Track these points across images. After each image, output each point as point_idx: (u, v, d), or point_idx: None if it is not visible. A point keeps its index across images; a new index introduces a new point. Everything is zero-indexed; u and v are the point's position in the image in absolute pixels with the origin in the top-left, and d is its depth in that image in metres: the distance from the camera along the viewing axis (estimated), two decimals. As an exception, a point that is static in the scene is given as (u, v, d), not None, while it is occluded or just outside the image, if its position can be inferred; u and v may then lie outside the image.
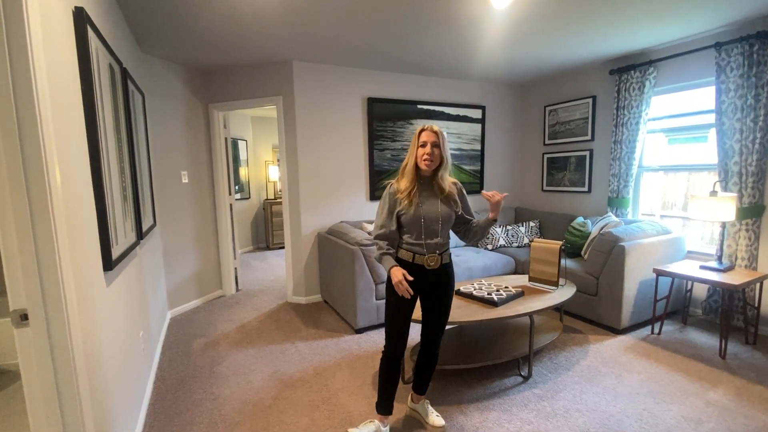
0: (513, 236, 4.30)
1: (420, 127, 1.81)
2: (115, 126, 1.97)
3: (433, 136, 1.77)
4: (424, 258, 1.82)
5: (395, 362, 1.91)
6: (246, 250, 6.71)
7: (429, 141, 1.77)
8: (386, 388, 1.93)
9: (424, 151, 1.77)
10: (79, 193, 1.41)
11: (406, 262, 1.85)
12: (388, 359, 1.90)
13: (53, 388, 1.17)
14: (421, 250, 1.83)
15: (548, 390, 2.33)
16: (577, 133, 4.28)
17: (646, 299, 3.12)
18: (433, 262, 1.83)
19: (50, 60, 1.22)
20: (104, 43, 1.85)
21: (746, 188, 2.93)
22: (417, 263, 1.83)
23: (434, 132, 1.78)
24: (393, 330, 1.88)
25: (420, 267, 1.83)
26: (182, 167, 3.70)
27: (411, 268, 1.83)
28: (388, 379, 1.92)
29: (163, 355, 2.90)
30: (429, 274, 1.84)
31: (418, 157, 1.79)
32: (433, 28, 2.90)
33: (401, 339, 1.88)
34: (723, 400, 2.17)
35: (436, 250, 1.84)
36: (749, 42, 2.82)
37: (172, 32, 2.88)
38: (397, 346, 1.88)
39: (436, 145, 1.78)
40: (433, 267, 1.83)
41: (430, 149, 1.77)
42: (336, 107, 3.89)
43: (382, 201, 1.89)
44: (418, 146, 1.79)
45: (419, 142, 1.79)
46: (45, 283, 1.14)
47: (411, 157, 1.82)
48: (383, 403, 1.94)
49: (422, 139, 1.79)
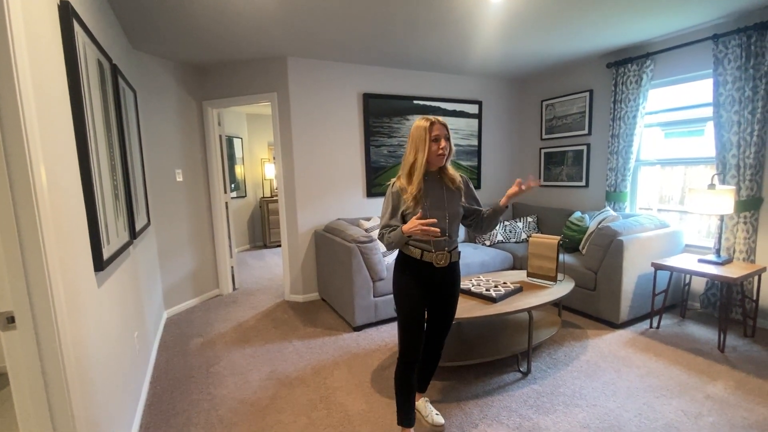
0: (511, 232, 4.28)
1: (428, 121, 1.70)
2: (105, 123, 1.93)
3: (444, 130, 1.70)
4: (432, 256, 1.75)
5: (413, 367, 1.80)
6: (243, 249, 6.67)
7: (442, 135, 1.69)
8: (407, 398, 1.82)
9: (439, 146, 1.69)
10: (67, 192, 1.37)
11: (414, 259, 1.76)
12: (407, 364, 1.79)
13: (42, 392, 1.15)
14: (429, 248, 1.75)
15: (547, 385, 2.32)
16: (575, 128, 4.26)
17: (644, 293, 3.11)
18: (442, 260, 1.76)
19: (34, 56, 1.19)
20: (92, 38, 1.80)
21: (744, 181, 2.92)
22: (426, 260, 1.75)
23: (443, 125, 1.71)
24: (410, 334, 1.77)
25: (428, 264, 1.76)
26: (176, 165, 3.65)
27: (419, 266, 1.76)
28: (408, 387, 1.81)
29: (160, 355, 2.87)
30: (437, 272, 1.78)
31: (432, 153, 1.69)
32: (429, 23, 2.86)
33: (420, 342, 1.80)
34: (722, 394, 2.17)
35: (444, 247, 1.77)
36: (747, 33, 2.80)
37: (163, 27, 2.83)
38: (417, 349, 1.79)
39: (447, 138, 1.71)
40: (442, 265, 1.76)
41: (445, 143, 1.69)
42: (331, 103, 3.85)
43: (386, 200, 1.81)
44: (430, 141, 1.68)
45: (431, 137, 1.68)
46: (31, 284, 1.11)
47: (420, 153, 1.69)
48: (408, 413, 1.83)
49: (435, 133, 1.68)
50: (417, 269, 1.76)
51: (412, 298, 1.76)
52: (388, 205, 1.78)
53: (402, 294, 1.79)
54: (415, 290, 1.78)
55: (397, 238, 1.68)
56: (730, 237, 3.05)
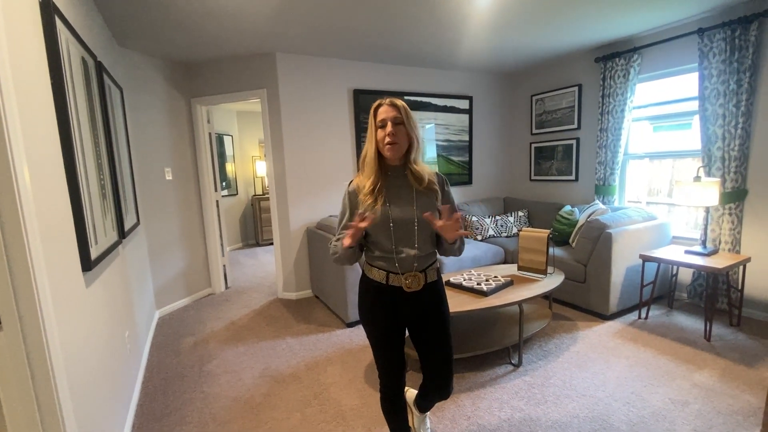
0: (502, 226, 4.32)
1: (376, 102, 1.38)
2: (91, 122, 1.91)
3: (393, 111, 1.34)
4: (401, 279, 1.39)
5: (395, 399, 1.55)
6: (235, 247, 6.64)
7: (388, 118, 1.34)
8: (393, 424, 1.60)
9: (384, 133, 1.34)
10: (52, 192, 1.36)
11: (379, 283, 1.42)
12: (385, 394, 1.55)
13: (31, 394, 1.14)
14: (393, 267, 1.39)
15: (538, 377, 2.35)
16: (564, 122, 4.29)
17: (633, 285, 3.16)
18: (413, 284, 1.39)
19: (15, 53, 1.17)
20: (75, 35, 1.77)
21: (729, 173, 2.97)
22: (393, 285, 1.40)
23: (394, 106, 1.35)
24: (381, 365, 1.52)
25: (397, 290, 1.40)
26: (165, 164, 3.62)
27: (386, 292, 1.42)
28: (394, 417, 1.58)
29: (152, 355, 2.85)
30: (410, 298, 1.42)
31: (379, 142, 1.37)
32: (418, 18, 2.86)
33: (395, 374, 1.52)
34: (708, 382, 2.22)
35: (413, 264, 1.39)
36: (731, 27, 2.83)
37: (148, 24, 2.79)
38: (389, 381, 1.52)
39: (398, 123, 1.34)
40: (414, 290, 1.40)
41: (392, 128, 1.33)
42: (321, 99, 3.83)
43: (341, 206, 1.49)
44: (377, 128, 1.37)
45: (377, 123, 1.36)
46: (17, 285, 1.09)
47: (370, 143, 1.38)
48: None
49: (380, 117, 1.35)
50: (382, 296, 1.42)
51: (381, 333, 1.46)
52: (344, 208, 1.46)
53: (368, 328, 1.49)
54: (384, 323, 1.45)
55: (341, 250, 1.36)
56: (715, 228, 3.11)
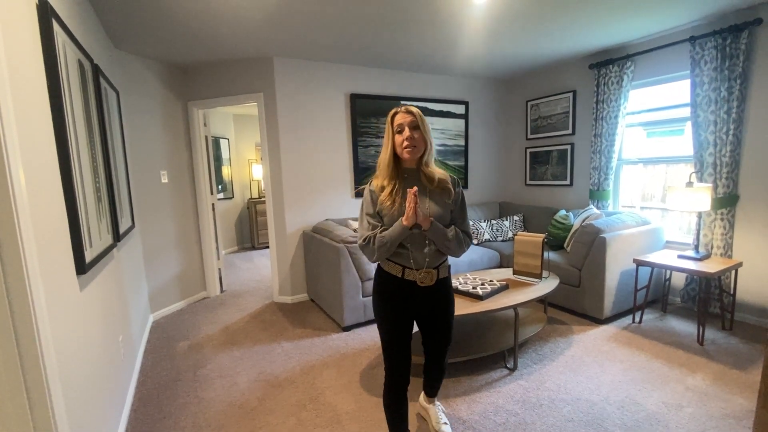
0: (497, 230, 4.34)
1: (393, 110, 1.53)
2: (87, 125, 1.90)
3: (409, 117, 1.49)
4: (415, 274, 1.52)
5: (399, 393, 1.59)
6: (231, 251, 6.61)
7: (405, 123, 1.49)
8: (396, 424, 1.63)
9: (403, 137, 1.49)
10: (48, 194, 1.35)
11: (395, 277, 1.54)
12: (389, 390, 1.60)
13: (23, 398, 1.13)
14: (408, 263, 1.52)
15: (533, 381, 2.35)
16: (559, 128, 4.33)
17: (627, 289, 3.18)
18: (426, 279, 1.53)
19: (11, 56, 1.17)
20: (72, 38, 1.78)
21: (721, 179, 3.01)
22: (408, 279, 1.53)
23: (410, 113, 1.50)
24: (391, 359, 1.59)
25: (411, 284, 1.54)
26: (161, 167, 3.61)
27: (400, 285, 1.54)
28: (395, 413, 1.61)
29: (146, 359, 2.83)
30: (422, 292, 1.56)
31: (397, 146, 1.51)
32: (414, 23, 2.89)
33: (403, 366, 1.58)
34: (702, 385, 2.23)
35: (426, 260, 1.53)
36: (722, 35, 2.88)
37: (145, 27, 2.80)
38: (395, 373, 1.58)
39: (415, 128, 1.49)
40: (427, 284, 1.54)
41: (410, 133, 1.48)
42: (318, 104, 3.85)
43: (363, 201, 1.59)
44: (394, 133, 1.51)
45: (394, 128, 1.51)
46: (11, 288, 1.09)
47: (387, 148, 1.53)
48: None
49: (397, 122, 1.50)
50: (397, 289, 1.55)
51: (393, 323, 1.56)
52: (368, 206, 1.57)
53: (381, 318, 1.59)
54: (395, 314, 1.57)
55: (397, 233, 1.45)
56: (708, 233, 3.14)
